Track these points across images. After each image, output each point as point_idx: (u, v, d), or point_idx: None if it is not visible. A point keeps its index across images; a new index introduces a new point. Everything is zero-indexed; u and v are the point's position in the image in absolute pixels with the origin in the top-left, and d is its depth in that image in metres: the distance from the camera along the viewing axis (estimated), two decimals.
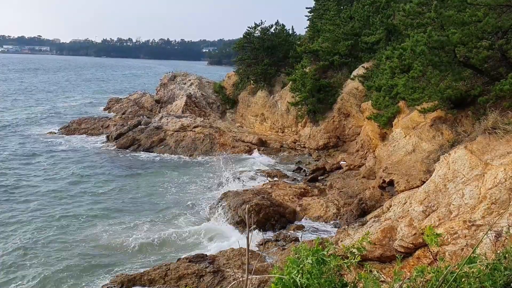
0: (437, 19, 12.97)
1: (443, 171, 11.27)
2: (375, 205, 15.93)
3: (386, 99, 19.19)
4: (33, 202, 19.46)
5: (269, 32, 37.16)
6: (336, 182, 20.70)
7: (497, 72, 13.52)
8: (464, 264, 2.77)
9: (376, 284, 2.84)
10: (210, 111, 38.52)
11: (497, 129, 11.06)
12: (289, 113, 31.52)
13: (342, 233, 14.05)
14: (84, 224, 17.20)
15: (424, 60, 13.07)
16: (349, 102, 26.14)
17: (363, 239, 3.00)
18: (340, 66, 28.96)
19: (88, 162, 26.57)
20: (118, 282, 12.01)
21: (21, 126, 37.72)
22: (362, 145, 23.52)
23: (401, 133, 17.46)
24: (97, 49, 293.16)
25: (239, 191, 19.30)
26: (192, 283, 11.87)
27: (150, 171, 24.96)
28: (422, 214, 10.61)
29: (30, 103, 52.38)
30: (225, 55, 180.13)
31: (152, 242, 15.59)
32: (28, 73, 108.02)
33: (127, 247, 15.18)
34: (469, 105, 14.00)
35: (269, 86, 35.61)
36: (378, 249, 10.98)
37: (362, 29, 27.80)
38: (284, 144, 29.96)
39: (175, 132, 30.85)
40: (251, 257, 12.70)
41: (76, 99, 59.04)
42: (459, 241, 8.91)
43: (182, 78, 43.78)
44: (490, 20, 12.41)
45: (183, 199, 20.08)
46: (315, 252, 2.64)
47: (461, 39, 12.45)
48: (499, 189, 9.05)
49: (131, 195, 20.81)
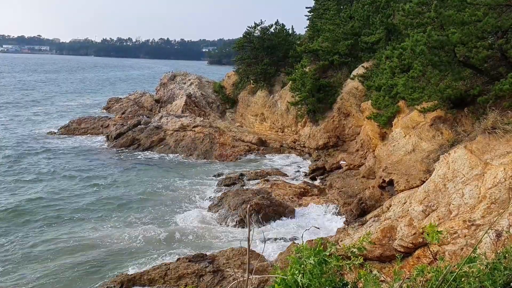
0: (437, 18, 12.98)
1: (443, 171, 11.28)
2: (375, 204, 15.94)
3: (386, 99, 19.20)
4: (32, 202, 19.47)
5: (269, 31, 37.15)
6: (336, 181, 20.71)
7: (497, 71, 13.53)
8: (464, 263, 2.78)
9: (376, 283, 2.85)
10: (210, 110, 38.51)
11: (497, 129, 11.07)
12: (289, 112, 31.52)
13: (342, 233, 14.07)
14: (83, 223, 17.20)
15: (424, 59, 13.08)
16: (349, 102, 26.15)
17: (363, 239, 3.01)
18: (340, 66, 28.96)
19: (88, 161, 26.57)
20: (118, 282, 12.01)
21: (21, 126, 37.70)
22: (362, 145, 23.53)
23: (401, 133, 17.47)
24: (97, 48, 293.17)
25: (239, 190, 19.32)
26: (192, 283, 11.87)
27: (149, 171, 24.97)
28: (422, 213, 10.62)
29: (30, 103, 52.38)
30: (225, 55, 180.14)
31: (152, 241, 15.60)
32: (28, 73, 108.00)
33: (127, 246, 15.19)
34: (469, 105, 14.01)
35: (269, 86, 35.61)
36: (378, 249, 10.99)
37: (362, 29, 27.81)
38: (284, 144, 29.97)
39: (174, 131, 30.85)
40: (251, 256, 12.71)
41: (76, 99, 59.03)
42: (459, 240, 8.92)
43: (182, 77, 43.76)
44: (490, 19, 12.42)
45: (183, 199, 20.09)
46: (317, 252, 2.65)
47: (461, 39, 12.45)
48: (499, 188, 9.07)
49: (131, 194, 20.81)
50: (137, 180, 23.18)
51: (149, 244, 15.42)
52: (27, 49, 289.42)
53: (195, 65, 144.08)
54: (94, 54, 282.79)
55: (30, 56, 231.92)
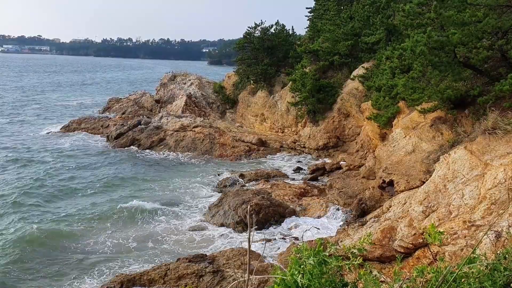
0: (437, 19, 12.98)
1: (443, 172, 11.28)
2: (375, 205, 15.93)
3: (386, 99, 19.21)
4: (31, 201, 19.46)
5: (269, 32, 37.16)
6: (336, 182, 20.70)
7: (497, 72, 13.53)
8: (464, 264, 2.78)
9: (376, 284, 2.85)
10: (210, 111, 38.51)
11: (497, 130, 11.07)
12: (289, 113, 31.52)
13: (342, 233, 14.07)
14: (83, 223, 17.19)
15: (424, 60, 13.08)
16: (349, 102, 26.16)
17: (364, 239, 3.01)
18: (340, 66, 28.97)
19: (87, 161, 26.56)
20: (117, 282, 12.01)
21: (21, 126, 37.71)
22: (362, 145, 23.53)
23: (401, 133, 17.47)
24: (97, 49, 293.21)
25: (239, 191, 19.31)
26: (192, 283, 11.87)
27: (149, 171, 24.95)
28: (422, 214, 10.62)
29: (30, 103, 52.39)
30: (225, 55, 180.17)
31: (152, 241, 15.61)
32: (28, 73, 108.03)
33: (126, 246, 15.19)
34: (469, 106, 14.01)
35: (269, 86, 35.62)
36: (377, 249, 10.99)
37: (362, 29, 27.83)
38: (284, 144, 29.96)
39: (175, 132, 30.85)
40: (251, 257, 12.70)
41: (76, 99, 59.05)
42: (458, 241, 8.92)
43: (182, 78, 43.74)
44: (490, 20, 12.43)
45: (183, 199, 20.09)
46: (317, 253, 2.65)
47: (461, 40, 12.45)
48: (499, 189, 9.07)
49: (130, 194, 20.79)
50: (136, 180, 23.16)
51: (148, 244, 15.42)
52: (27, 49, 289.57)
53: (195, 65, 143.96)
54: (94, 54, 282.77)
55: (30, 57, 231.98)
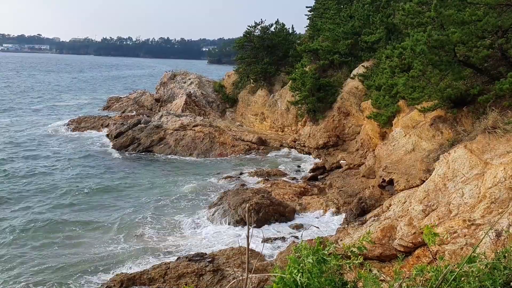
0: (437, 18, 12.97)
1: (443, 170, 11.28)
2: (375, 204, 15.93)
3: (386, 98, 19.19)
4: (30, 200, 19.46)
5: (269, 31, 37.15)
6: (336, 181, 20.71)
7: (497, 71, 13.52)
8: (464, 263, 2.78)
9: (376, 283, 2.85)
10: (210, 110, 38.50)
11: (497, 128, 11.06)
12: (289, 112, 31.51)
13: (342, 232, 14.07)
14: (82, 223, 17.19)
15: (424, 59, 13.07)
16: (349, 101, 26.14)
17: (364, 238, 3.00)
18: (340, 65, 28.95)
19: (87, 161, 26.55)
20: (117, 281, 12.01)
21: (20, 126, 37.68)
22: (362, 144, 23.52)
23: (401, 132, 17.46)
24: (97, 47, 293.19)
25: (238, 190, 19.31)
26: (192, 282, 11.87)
27: (149, 170, 24.95)
28: (422, 213, 10.61)
29: (29, 103, 52.36)
30: (225, 54, 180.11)
31: (151, 241, 15.60)
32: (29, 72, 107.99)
33: (125, 246, 15.18)
34: (469, 104, 14.00)
35: (269, 85, 35.61)
36: (377, 248, 10.98)
37: (362, 28, 27.80)
38: (284, 143, 29.97)
39: (175, 131, 30.83)
40: (251, 256, 12.70)
41: (76, 98, 59.01)
42: (458, 240, 8.91)
43: (182, 77, 43.73)
44: (490, 19, 12.41)
45: (182, 198, 20.08)
46: (316, 251, 2.65)
47: (461, 38, 12.44)
48: (499, 188, 9.06)
49: (130, 194, 20.80)
50: (136, 179, 23.16)
51: (148, 243, 15.41)
52: (27, 48, 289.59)
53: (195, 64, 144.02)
54: (94, 53, 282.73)
55: (30, 55, 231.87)
